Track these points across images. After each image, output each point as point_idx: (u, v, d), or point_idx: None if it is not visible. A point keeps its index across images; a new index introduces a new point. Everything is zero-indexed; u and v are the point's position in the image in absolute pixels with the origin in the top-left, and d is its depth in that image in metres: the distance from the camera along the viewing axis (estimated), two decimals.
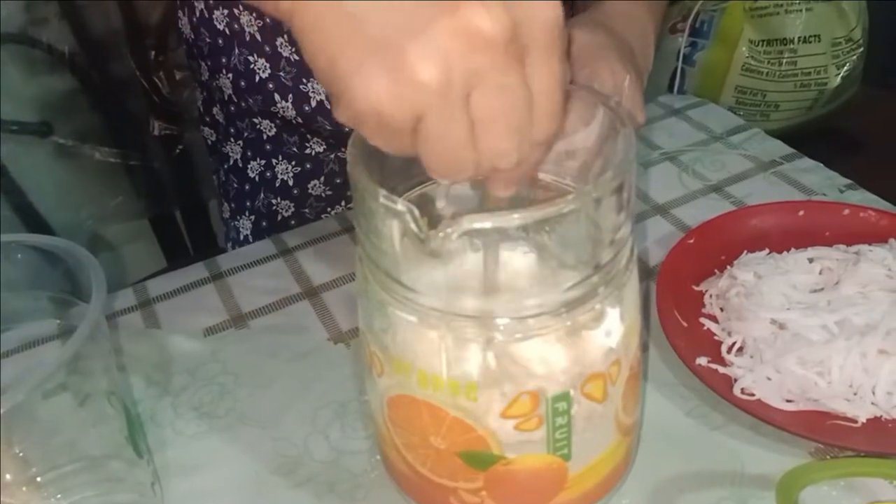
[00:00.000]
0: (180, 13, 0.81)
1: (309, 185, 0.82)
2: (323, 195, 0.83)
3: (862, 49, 1.21)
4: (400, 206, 0.33)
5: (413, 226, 0.33)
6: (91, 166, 1.09)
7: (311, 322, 0.60)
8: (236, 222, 0.86)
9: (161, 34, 1.02)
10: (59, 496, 0.42)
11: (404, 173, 0.40)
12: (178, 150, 1.10)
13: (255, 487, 0.49)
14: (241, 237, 0.85)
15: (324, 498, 0.47)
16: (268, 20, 0.73)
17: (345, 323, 0.60)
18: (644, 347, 0.54)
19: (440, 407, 0.38)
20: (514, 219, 0.33)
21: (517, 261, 0.40)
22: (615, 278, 0.37)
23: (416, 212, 0.33)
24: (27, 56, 1.05)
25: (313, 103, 0.76)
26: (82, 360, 0.40)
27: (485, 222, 0.33)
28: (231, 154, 0.86)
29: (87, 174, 1.11)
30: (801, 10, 1.19)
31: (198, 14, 0.77)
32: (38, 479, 0.41)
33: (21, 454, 0.40)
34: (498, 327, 0.36)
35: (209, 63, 0.80)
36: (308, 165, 0.82)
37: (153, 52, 1.03)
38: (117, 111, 1.08)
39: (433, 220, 0.33)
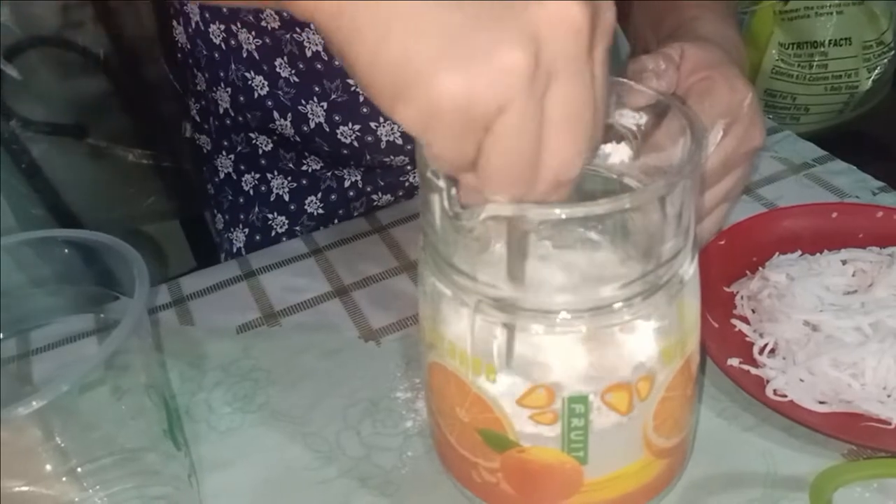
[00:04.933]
0: (174, 23, 0.78)
1: (305, 202, 0.81)
2: (316, 213, 0.81)
3: (893, 52, 1.20)
4: (441, 182, 0.34)
5: (445, 203, 0.34)
6: (124, 167, 1.11)
7: (341, 320, 0.61)
8: (230, 234, 0.84)
9: None
10: (97, 487, 0.42)
11: None
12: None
13: (288, 482, 0.49)
14: (235, 249, 0.83)
15: (355, 493, 0.48)
16: (266, 40, 0.71)
17: (375, 321, 0.60)
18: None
19: (464, 382, 0.39)
20: (538, 213, 0.34)
21: (556, 257, 0.40)
22: (652, 294, 0.37)
23: (453, 191, 0.34)
24: (62, 59, 1.07)
25: (312, 124, 0.74)
26: (124, 354, 0.41)
27: (506, 210, 0.33)
28: (220, 168, 0.84)
29: (120, 175, 1.12)
30: (831, 13, 1.18)
31: (193, 25, 0.75)
32: (78, 469, 0.42)
33: (62, 445, 0.41)
34: (522, 317, 0.36)
35: (206, 75, 0.78)
36: (304, 182, 0.80)
37: None
38: (150, 113, 1.10)
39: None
